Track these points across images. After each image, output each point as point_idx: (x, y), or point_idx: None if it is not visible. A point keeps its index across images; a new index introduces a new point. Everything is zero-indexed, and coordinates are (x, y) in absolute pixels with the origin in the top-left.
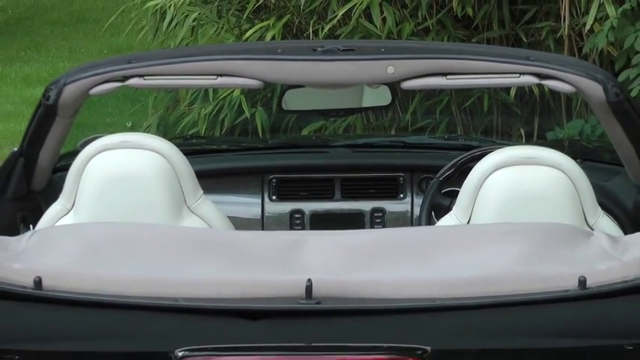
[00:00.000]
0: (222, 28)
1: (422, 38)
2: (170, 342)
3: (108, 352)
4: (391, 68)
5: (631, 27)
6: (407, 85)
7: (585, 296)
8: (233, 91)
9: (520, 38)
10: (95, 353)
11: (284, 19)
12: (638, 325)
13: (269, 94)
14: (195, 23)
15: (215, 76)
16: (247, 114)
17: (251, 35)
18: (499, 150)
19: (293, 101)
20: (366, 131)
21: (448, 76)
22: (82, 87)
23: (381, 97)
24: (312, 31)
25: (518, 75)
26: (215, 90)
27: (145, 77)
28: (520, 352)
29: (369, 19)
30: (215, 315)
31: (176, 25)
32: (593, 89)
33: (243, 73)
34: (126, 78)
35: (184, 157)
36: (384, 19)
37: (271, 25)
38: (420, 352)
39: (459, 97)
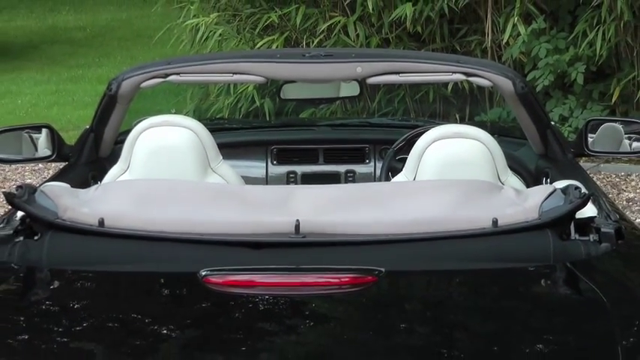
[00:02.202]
0: (241, 41)
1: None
2: (197, 265)
3: (152, 272)
4: (359, 68)
5: (537, 41)
6: (371, 80)
7: (497, 232)
8: (248, 87)
9: (456, 48)
10: (142, 273)
11: (285, 35)
12: (535, 253)
13: (274, 89)
14: (220, 37)
15: (231, 74)
16: (258, 103)
17: (261, 46)
18: (436, 127)
19: (289, 92)
20: (344, 115)
21: (401, 74)
22: (135, 82)
23: (352, 90)
24: (305, 43)
25: (451, 73)
26: (235, 86)
27: (181, 75)
28: (449, 272)
29: (347, 34)
30: (229, 246)
31: (206, 38)
32: (506, 84)
33: (252, 72)
34: (167, 75)
35: (209, 132)
36: (357, 35)
37: (276, 39)
38: (377, 272)
39: (412, 91)
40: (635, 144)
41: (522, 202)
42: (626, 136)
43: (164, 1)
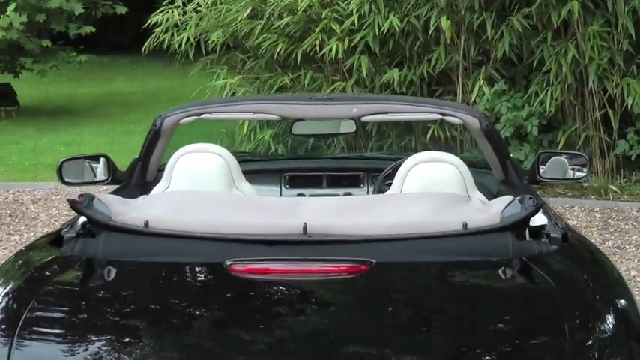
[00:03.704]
0: None
1: None
2: (223, 257)
3: (186, 262)
4: (355, 109)
5: (498, 100)
6: (364, 119)
7: (467, 233)
8: (265, 135)
9: None
10: (179, 263)
11: (296, 93)
12: (497, 249)
13: (286, 138)
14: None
15: (252, 113)
16: (273, 149)
17: None
18: (418, 154)
19: (298, 129)
20: (343, 149)
21: (389, 114)
22: (175, 119)
23: (350, 127)
24: None
25: (429, 113)
26: (255, 134)
27: (212, 113)
28: (428, 264)
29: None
30: (249, 243)
31: (233, 94)
32: (473, 121)
33: (269, 111)
34: (201, 114)
35: (235, 160)
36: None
37: None
38: (369, 262)
39: (398, 139)
40: (577, 174)
41: (487, 210)
42: (570, 167)
43: (199, 69)
